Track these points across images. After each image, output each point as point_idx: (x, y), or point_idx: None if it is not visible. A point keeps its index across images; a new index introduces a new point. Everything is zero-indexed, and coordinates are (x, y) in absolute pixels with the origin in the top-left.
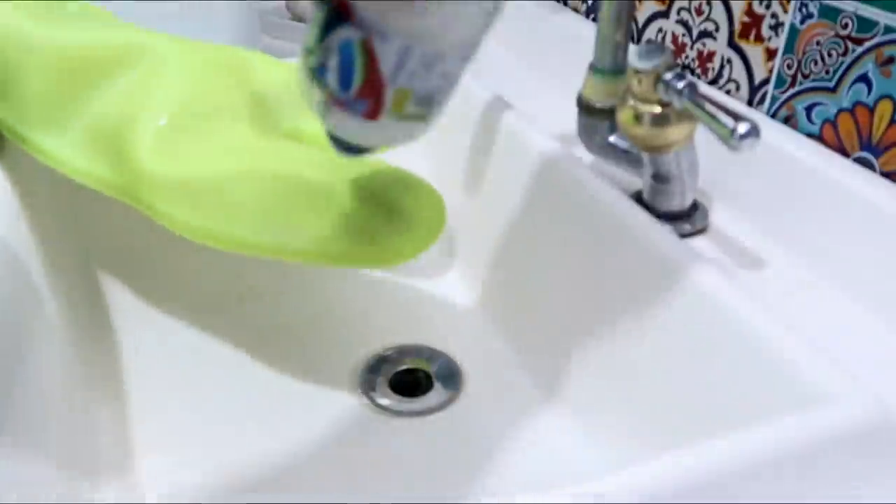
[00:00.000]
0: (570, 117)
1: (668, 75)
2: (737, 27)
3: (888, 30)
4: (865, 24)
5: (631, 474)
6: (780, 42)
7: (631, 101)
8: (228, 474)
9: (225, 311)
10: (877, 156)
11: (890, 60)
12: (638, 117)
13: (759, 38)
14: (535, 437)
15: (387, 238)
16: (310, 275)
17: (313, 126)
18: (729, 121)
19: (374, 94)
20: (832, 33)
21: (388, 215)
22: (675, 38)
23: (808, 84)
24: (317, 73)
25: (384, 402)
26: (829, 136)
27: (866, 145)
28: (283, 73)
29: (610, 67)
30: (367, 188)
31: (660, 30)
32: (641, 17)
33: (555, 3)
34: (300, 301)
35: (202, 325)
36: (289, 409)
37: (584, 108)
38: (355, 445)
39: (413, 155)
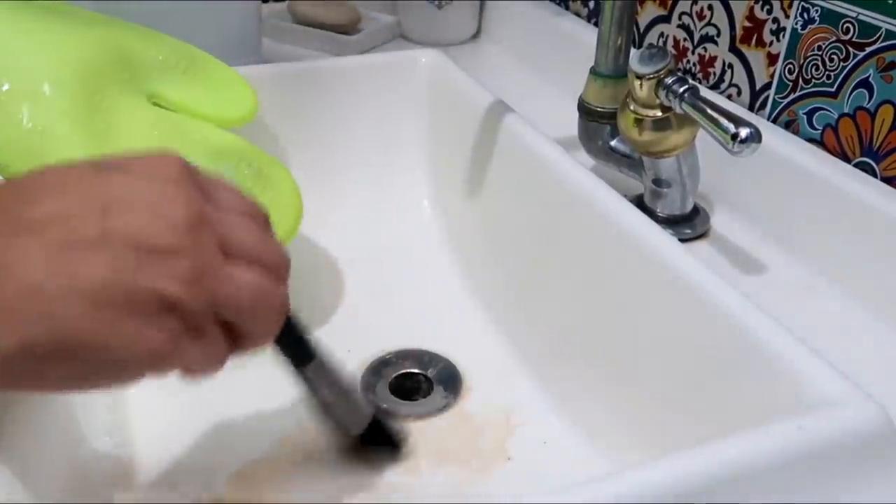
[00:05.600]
0: (571, 121)
1: (670, 80)
2: (738, 32)
3: (889, 35)
4: (867, 29)
5: (631, 476)
6: (781, 47)
7: (632, 106)
8: (228, 475)
9: None
10: (878, 161)
11: (891, 66)
12: (639, 122)
13: (760, 43)
14: (534, 440)
15: None
16: (310, 277)
17: (177, 92)
18: (730, 125)
19: None
20: (833, 38)
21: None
22: (676, 42)
23: (809, 89)
24: None
25: (385, 405)
26: (830, 142)
27: (867, 150)
28: (153, 41)
29: (611, 71)
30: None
31: (661, 34)
32: (643, 22)
33: (556, 6)
34: (300, 304)
35: None
36: (289, 411)
37: (585, 111)
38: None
39: (414, 157)
